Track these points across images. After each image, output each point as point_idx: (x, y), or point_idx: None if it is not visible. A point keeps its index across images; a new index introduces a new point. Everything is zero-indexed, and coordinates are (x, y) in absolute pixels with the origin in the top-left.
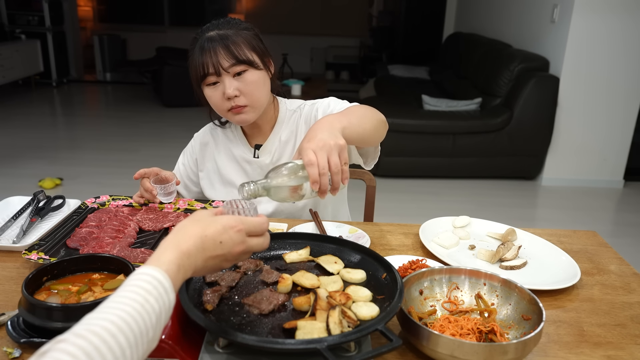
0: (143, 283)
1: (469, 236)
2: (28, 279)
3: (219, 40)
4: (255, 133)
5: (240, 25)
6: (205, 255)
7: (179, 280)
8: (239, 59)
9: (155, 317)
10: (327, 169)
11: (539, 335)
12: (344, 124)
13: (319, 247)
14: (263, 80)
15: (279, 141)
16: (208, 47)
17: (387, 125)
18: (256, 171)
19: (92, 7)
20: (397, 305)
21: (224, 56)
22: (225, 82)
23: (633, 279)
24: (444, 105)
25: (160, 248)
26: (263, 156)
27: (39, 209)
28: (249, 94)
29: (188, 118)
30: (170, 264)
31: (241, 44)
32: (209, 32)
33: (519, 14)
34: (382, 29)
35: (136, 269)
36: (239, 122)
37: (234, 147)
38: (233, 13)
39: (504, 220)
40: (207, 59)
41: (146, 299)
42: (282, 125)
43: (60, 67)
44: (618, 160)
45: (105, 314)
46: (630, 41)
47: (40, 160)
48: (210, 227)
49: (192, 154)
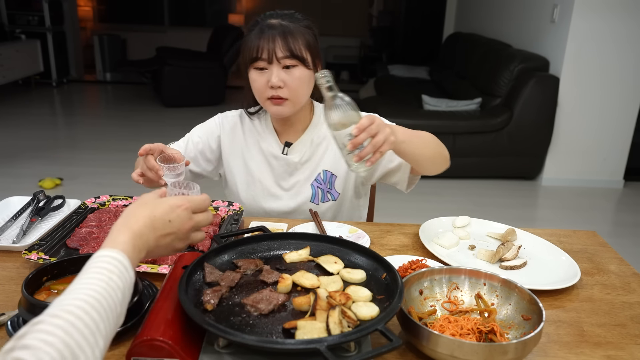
0: (105, 264)
1: (469, 236)
2: (28, 279)
3: (280, 30)
4: (286, 130)
5: (302, 22)
6: (156, 235)
7: (135, 259)
8: (293, 54)
9: (121, 293)
10: (370, 134)
11: (539, 335)
12: (405, 138)
13: (319, 247)
14: (309, 79)
15: (310, 142)
16: (267, 33)
17: (448, 162)
18: (282, 167)
19: (92, 7)
20: (397, 305)
21: (280, 46)
22: (273, 70)
23: (633, 279)
24: (444, 105)
25: (113, 232)
26: (292, 154)
27: (39, 209)
28: (293, 88)
29: (188, 118)
30: (125, 244)
31: (299, 39)
32: (271, 20)
33: (519, 14)
34: (382, 29)
35: (94, 253)
36: (274, 112)
37: (262, 140)
38: (233, 13)
39: (504, 220)
40: (264, 44)
41: (110, 278)
42: (316, 127)
43: (60, 67)
44: (618, 160)
45: (76, 294)
46: (631, 41)
47: (40, 160)
48: (158, 208)
49: (216, 130)
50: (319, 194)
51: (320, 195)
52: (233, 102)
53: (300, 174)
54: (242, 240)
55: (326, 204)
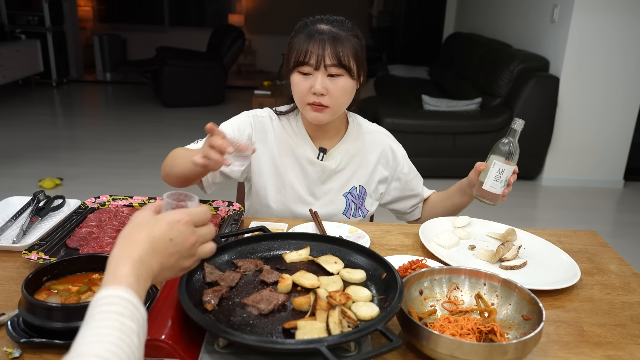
0: (112, 307)
1: (469, 236)
2: (28, 279)
3: (330, 37)
4: (320, 135)
5: (352, 31)
6: (159, 258)
7: (142, 291)
8: (341, 63)
9: (137, 337)
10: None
11: (539, 335)
12: None
13: (319, 247)
14: (351, 89)
15: (346, 151)
16: (318, 39)
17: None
18: (318, 173)
19: (92, 7)
20: (397, 305)
21: (329, 54)
22: (318, 77)
23: (633, 279)
24: (444, 105)
25: (112, 263)
26: (329, 160)
27: (39, 209)
28: (335, 97)
29: (188, 118)
30: (128, 277)
31: (348, 49)
32: (321, 25)
33: (519, 14)
34: (382, 29)
35: (97, 293)
36: (313, 118)
37: (296, 144)
38: (233, 13)
39: (504, 220)
40: (313, 49)
41: (122, 322)
42: (351, 137)
43: (60, 67)
44: (618, 160)
45: (90, 348)
46: (631, 41)
47: (40, 160)
48: (156, 227)
49: (248, 129)
50: (352, 208)
51: (352, 210)
52: (233, 102)
53: (333, 182)
54: (242, 240)
55: (356, 219)
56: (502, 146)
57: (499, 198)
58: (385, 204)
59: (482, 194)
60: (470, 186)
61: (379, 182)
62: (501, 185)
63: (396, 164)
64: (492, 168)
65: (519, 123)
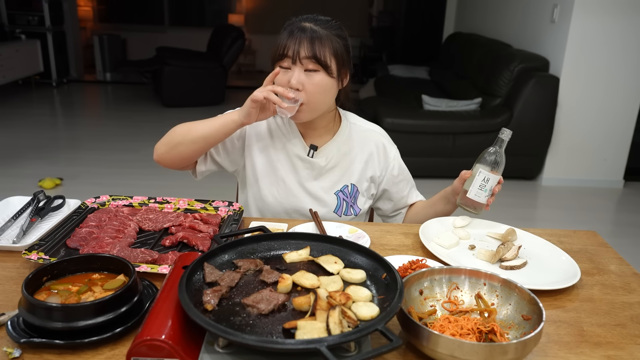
0: None
1: (469, 236)
2: (28, 279)
3: (309, 34)
4: (309, 133)
5: (335, 30)
6: None
7: None
8: (317, 57)
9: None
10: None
11: (539, 335)
12: None
13: (319, 247)
14: (330, 87)
15: (337, 149)
16: (296, 35)
17: None
18: (307, 170)
19: (92, 7)
20: (397, 305)
21: (305, 48)
22: (295, 71)
23: (633, 279)
24: (444, 105)
25: None
26: (319, 157)
27: (39, 209)
28: (311, 94)
29: (188, 118)
30: None
31: (327, 46)
32: (304, 23)
33: (518, 14)
34: (382, 29)
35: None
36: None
37: (288, 141)
38: (233, 13)
39: (504, 220)
40: (290, 44)
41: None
42: (344, 135)
43: (60, 67)
44: (618, 160)
45: None
46: (631, 41)
47: (40, 160)
48: None
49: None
50: (343, 206)
51: (344, 208)
52: (233, 102)
53: (324, 180)
54: (242, 240)
55: (347, 218)
56: (489, 155)
57: (483, 207)
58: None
59: (466, 202)
60: (454, 194)
61: (370, 180)
62: (485, 195)
63: (387, 164)
64: (477, 177)
65: (506, 133)
